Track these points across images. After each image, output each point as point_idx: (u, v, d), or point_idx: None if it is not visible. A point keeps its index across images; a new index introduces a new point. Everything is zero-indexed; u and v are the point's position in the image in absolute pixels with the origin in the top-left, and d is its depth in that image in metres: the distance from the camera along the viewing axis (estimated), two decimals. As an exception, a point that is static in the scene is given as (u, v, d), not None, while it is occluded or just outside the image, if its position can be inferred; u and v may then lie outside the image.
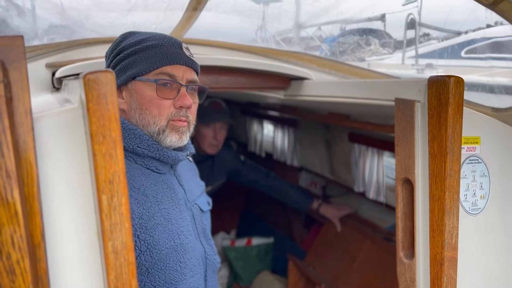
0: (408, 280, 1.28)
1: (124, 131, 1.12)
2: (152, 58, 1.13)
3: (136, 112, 1.14)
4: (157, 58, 1.14)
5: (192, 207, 1.29)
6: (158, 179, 1.18)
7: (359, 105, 1.57)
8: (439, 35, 5.97)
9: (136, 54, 1.15)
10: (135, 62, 1.14)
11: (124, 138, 1.11)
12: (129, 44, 1.17)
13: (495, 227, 1.33)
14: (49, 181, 0.81)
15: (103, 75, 0.80)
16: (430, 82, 1.18)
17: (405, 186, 1.28)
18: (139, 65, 1.13)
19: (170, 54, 1.15)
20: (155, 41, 1.16)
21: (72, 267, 0.84)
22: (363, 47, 6.13)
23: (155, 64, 1.13)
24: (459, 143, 1.15)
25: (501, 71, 2.55)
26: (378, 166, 2.32)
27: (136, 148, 1.14)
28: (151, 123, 1.14)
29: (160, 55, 1.14)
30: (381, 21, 6.19)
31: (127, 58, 1.15)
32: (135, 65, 1.14)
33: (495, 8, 1.48)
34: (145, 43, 1.16)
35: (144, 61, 1.13)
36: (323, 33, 6.02)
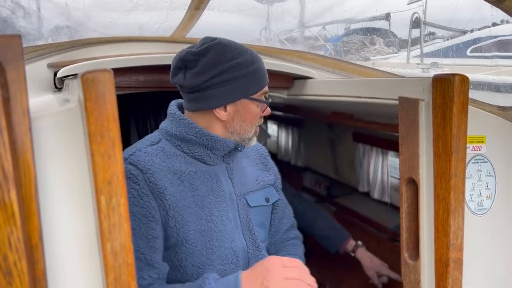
0: (412, 281, 1.26)
1: (175, 121, 1.29)
2: (260, 80, 1.29)
3: (238, 124, 1.30)
4: (263, 80, 1.31)
5: (239, 200, 1.36)
6: (201, 169, 1.30)
7: (363, 104, 1.56)
8: (445, 33, 5.93)
9: (248, 76, 1.26)
10: (247, 84, 1.26)
11: (176, 127, 1.29)
12: (239, 65, 1.25)
13: (501, 228, 1.31)
14: (47, 182, 0.81)
15: (101, 74, 0.79)
16: (434, 80, 1.16)
17: (410, 186, 1.26)
18: (251, 87, 1.27)
19: (265, 75, 1.32)
20: (258, 63, 1.30)
21: (71, 268, 0.83)
22: (368, 46, 6.11)
23: (261, 85, 1.30)
24: (464, 142, 1.13)
25: (507, 69, 2.52)
26: (383, 165, 2.30)
27: (186, 135, 1.27)
28: (248, 131, 1.32)
29: (264, 77, 1.31)
30: (386, 20, 6.17)
31: (239, 79, 1.25)
32: (247, 86, 1.27)
33: (501, 5, 1.46)
34: (253, 65, 1.27)
35: (254, 83, 1.28)
36: (327, 32, 5.99)
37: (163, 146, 1.29)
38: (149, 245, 1.17)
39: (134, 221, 1.16)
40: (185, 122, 1.28)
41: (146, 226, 1.17)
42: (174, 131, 1.29)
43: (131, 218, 1.07)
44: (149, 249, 1.17)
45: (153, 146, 1.29)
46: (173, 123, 1.30)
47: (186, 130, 1.28)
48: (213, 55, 1.23)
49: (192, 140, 1.28)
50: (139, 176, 1.19)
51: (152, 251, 1.17)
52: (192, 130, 1.27)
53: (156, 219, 1.19)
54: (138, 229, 1.17)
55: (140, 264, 1.14)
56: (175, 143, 1.29)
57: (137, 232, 1.16)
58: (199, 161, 1.31)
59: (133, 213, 1.16)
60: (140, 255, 1.15)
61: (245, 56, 1.27)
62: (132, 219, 1.09)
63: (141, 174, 1.20)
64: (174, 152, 1.29)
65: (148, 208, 1.18)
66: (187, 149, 1.29)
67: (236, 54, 1.25)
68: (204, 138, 1.28)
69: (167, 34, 1.93)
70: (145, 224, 1.18)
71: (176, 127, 1.29)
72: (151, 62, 1.53)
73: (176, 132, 1.28)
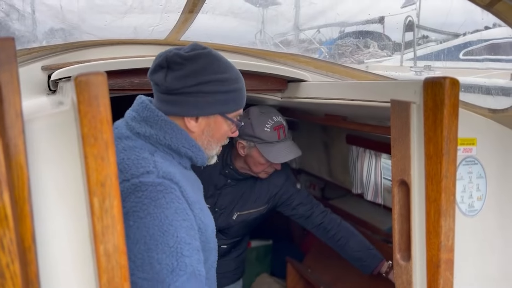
0: (405, 282, 1.28)
1: (172, 131, 1.22)
2: (239, 100, 1.29)
3: (206, 139, 1.28)
4: (241, 101, 1.30)
5: (200, 186, 1.39)
6: (186, 174, 1.28)
7: (355, 106, 1.57)
8: (438, 37, 5.97)
9: (228, 93, 1.25)
10: (226, 101, 1.25)
11: (171, 138, 1.21)
12: (222, 80, 1.23)
13: (492, 229, 1.33)
14: (40, 184, 0.81)
15: (94, 77, 0.79)
16: (425, 83, 1.18)
17: (402, 187, 1.28)
18: (229, 106, 1.26)
19: (244, 97, 1.32)
20: (241, 83, 1.29)
21: (64, 270, 0.83)
22: (362, 50, 6.13)
23: (238, 106, 1.30)
24: (455, 144, 1.15)
25: (498, 72, 2.55)
26: (376, 167, 2.31)
27: (181, 148, 1.23)
28: (213, 148, 1.32)
29: (243, 99, 1.31)
30: (380, 24, 6.20)
31: (219, 94, 1.23)
32: (226, 103, 1.25)
33: (491, 9, 1.48)
34: (235, 84, 1.26)
35: (233, 103, 1.27)
36: (322, 36, 6.01)
37: (161, 155, 1.20)
38: (199, 259, 1.13)
39: (188, 236, 1.10)
40: (182, 134, 1.22)
41: (195, 239, 1.14)
42: (168, 140, 1.21)
43: (184, 232, 1.07)
44: (199, 263, 1.13)
45: (156, 155, 1.19)
46: (166, 132, 1.21)
47: (183, 142, 1.23)
48: (200, 64, 1.20)
49: (186, 153, 1.24)
50: (177, 191, 1.12)
51: (201, 264, 1.14)
52: (188, 143, 1.23)
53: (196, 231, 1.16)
54: (193, 243, 1.12)
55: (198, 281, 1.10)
56: (168, 152, 1.22)
57: (192, 246, 1.11)
58: (183, 167, 1.28)
59: (184, 227, 1.10)
60: (197, 271, 1.10)
61: (231, 73, 1.25)
62: (185, 232, 1.08)
63: (177, 187, 1.13)
64: (170, 160, 1.22)
65: (191, 221, 1.14)
66: (178, 159, 1.24)
67: (223, 68, 1.23)
68: (197, 153, 1.26)
69: (161, 37, 1.94)
70: (193, 236, 1.13)
71: (173, 137, 1.22)
72: (145, 64, 1.53)
73: (170, 142, 1.21)
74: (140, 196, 1.04)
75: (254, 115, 1.92)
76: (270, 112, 1.97)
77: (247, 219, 2.16)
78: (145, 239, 1.02)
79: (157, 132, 1.20)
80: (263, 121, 1.91)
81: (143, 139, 1.19)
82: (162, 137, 1.20)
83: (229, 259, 2.30)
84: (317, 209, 2.22)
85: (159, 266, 1.02)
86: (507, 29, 1.56)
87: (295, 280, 2.93)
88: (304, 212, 2.21)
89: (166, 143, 1.20)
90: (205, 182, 2.03)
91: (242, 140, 1.92)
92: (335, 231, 2.18)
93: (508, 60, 2.29)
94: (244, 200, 2.12)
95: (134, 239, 1.01)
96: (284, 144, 1.95)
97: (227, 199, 2.06)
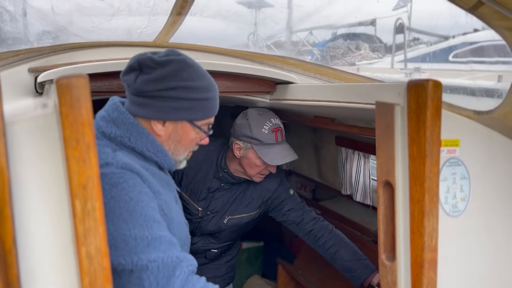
0: (390, 282, 1.29)
1: (137, 134, 1.23)
2: (208, 110, 1.30)
3: (173, 144, 1.30)
4: (211, 111, 1.31)
5: (174, 190, 1.42)
6: (153, 171, 1.29)
7: (342, 108, 1.58)
8: (429, 39, 6.03)
9: (197, 101, 1.26)
10: (193, 109, 1.26)
11: (136, 140, 1.22)
12: (192, 88, 1.24)
13: (476, 229, 1.34)
14: (21, 186, 0.81)
15: (76, 80, 0.80)
16: (409, 85, 1.19)
17: (386, 188, 1.29)
18: (197, 113, 1.27)
19: (215, 107, 1.33)
20: (213, 92, 1.30)
21: (46, 273, 0.83)
22: (353, 52, 6.16)
23: (208, 115, 1.31)
24: (438, 145, 1.16)
25: (486, 74, 2.59)
26: (364, 168, 2.33)
27: (145, 151, 1.24)
28: (180, 154, 1.33)
29: (213, 108, 1.32)
30: (372, 26, 6.24)
31: (187, 101, 1.24)
32: (193, 111, 1.26)
33: (475, 12, 1.50)
34: (206, 93, 1.27)
35: (201, 111, 1.28)
36: (315, 38, 6.02)
37: (124, 153, 1.21)
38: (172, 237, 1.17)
39: (157, 215, 1.15)
40: (148, 138, 1.24)
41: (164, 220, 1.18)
42: (132, 143, 1.22)
43: (152, 211, 1.11)
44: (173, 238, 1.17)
45: (118, 152, 1.20)
46: (131, 135, 1.23)
47: (148, 146, 1.24)
48: (171, 69, 1.21)
49: (150, 157, 1.25)
50: (138, 178, 1.15)
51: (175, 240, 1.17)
52: (154, 148, 1.25)
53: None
54: (162, 222, 1.16)
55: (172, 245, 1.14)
56: (135, 154, 1.24)
57: (162, 224, 1.16)
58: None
59: (151, 207, 1.13)
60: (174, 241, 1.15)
61: (202, 82, 1.26)
62: (152, 212, 1.12)
63: (138, 176, 1.16)
64: (132, 158, 1.22)
65: (156, 205, 1.18)
66: (142, 163, 1.24)
67: (194, 76, 1.24)
68: (162, 159, 1.27)
69: (150, 39, 1.94)
70: (162, 217, 1.18)
71: (138, 140, 1.23)
72: None
73: (135, 145, 1.22)
74: (101, 184, 1.06)
75: (252, 116, 1.92)
76: (268, 114, 1.97)
77: (238, 223, 2.15)
78: (113, 220, 1.05)
79: (122, 134, 1.21)
80: (261, 123, 1.91)
81: (108, 139, 1.21)
82: (126, 139, 1.21)
83: (219, 263, 2.29)
84: (308, 216, 2.19)
85: (134, 242, 1.06)
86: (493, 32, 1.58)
87: (286, 282, 2.94)
88: (294, 218, 2.19)
89: (130, 145, 1.22)
90: (199, 185, 2.03)
91: (239, 141, 1.92)
92: (325, 239, 2.15)
93: (495, 62, 2.33)
94: (236, 204, 2.11)
95: None
96: (281, 146, 1.95)
97: (219, 202, 2.06)
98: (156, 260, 1.07)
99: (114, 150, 1.19)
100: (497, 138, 1.42)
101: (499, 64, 2.54)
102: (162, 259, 1.08)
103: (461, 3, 1.47)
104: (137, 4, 1.69)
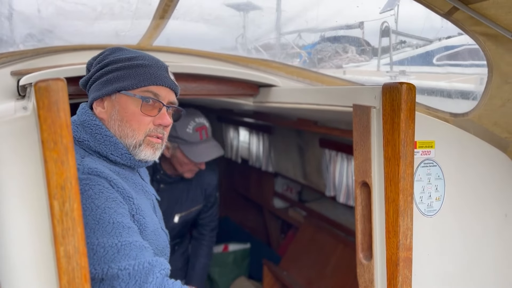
0: (367, 281, 1.32)
1: (100, 136, 1.20)
2: (140, 76, 1.22)
3: (116, 123, 1.22)
4: (145, 77, 1.22)
5: (151, 197, 1.38)
6: (125, 174, 1.27)
7: (322, 111, 1.61)
8: (415, 42, 6.11)
9: (125, 69, 1.23)
10: (123, 77, 1.22)
11: (99, 144, 1.20)
12: (118, 59, 1.24)
13: (450, 228, 1.38)
14: (0, 187, 0.82)
15: (54, 83, 0.81)
16: (384, 88, 1.23)
17: (363, 189, 1.32)
18: (127, 80, 1.21)
19: (157, 75, 1.24)
20: (145, 61, 1.25)
21: (25, 272, 0.84)
22: (341, 54, 6.23)
23: (142, 82, 1.22)
24: (411, 147, 1.20)
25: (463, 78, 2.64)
26: (347, 170, 2.37)
27: (110, 155, 1.21)
28: (129, 135, 1.22)
29: (149, 75, 1.23)
30: (360, 29, 6.30)
31: (115, 71, 1.22)
32: (123, 79, 1.21)
33: (450, 17, 1.54)
34: (135, 61, 1.24)
35: (132, 78, 1.22)
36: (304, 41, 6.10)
37: (93, 158, 1.19)
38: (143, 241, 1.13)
39: (126, 220, 1.11)
40: (111, 141, 1.21)
41: (134, 224, 1.16)
42: (97, 147, 1.21)
43: (120, 217, 1.08)
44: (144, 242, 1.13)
45: (86, 158, 1.18)
46: (96, 139, 1.21)
47: (111, 149, 1.22)
48: (105, 54, 1.26)
49: (115, 161, 1.24)
50: (106, 183, 1.13)
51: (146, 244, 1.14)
52: (118, 152, 1.22)
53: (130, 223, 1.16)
54: (132, 226, 1.13)
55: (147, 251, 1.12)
56: (98, 157, 1.22)
57: (133, 229, 1.12)
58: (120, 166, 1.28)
59: (119, 213, 1.10)
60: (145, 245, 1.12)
61: (134, 54, 1.26)
62: (121, 218, 1.09)
63: (106, 181, 1.13)
64: (101, 162, 1.21)
65: (126, 210, 1.15)
66: (110, 167, 1.22)
67: (126, 53, 1.26)
68: (128, 161, 1.25)
69: (133, 42, 1.95)
70: (132, 222, 1.15)
71: (101, 144, 1.21)
72: None
73: (99, 150, 1.21)
74: None
75: None
76: (193, 114, 2.09)
77: (187, 218, 2.32)
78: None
79: (88, 138, 1.20)
80: (185, 123, 2.03)
81: (77, 144, 1.20)
82: (92, 144, 1.20)
83: (175, 257, 2.41)
84: (213, 224, 2.54)
85: (103, 250, 1.03)
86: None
87: (271, 283, 2.96)
88: (203, 219, 2.48)
89: (96, 150, 1.20)
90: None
91: (167, 142, 2.01)
92: (200, 244, 2.49)
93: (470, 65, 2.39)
94: (181, 202, 2.26)
95: None
96: (206, 144, 2.08)
97: (164, 203, 2.13)
98: (126, 268, 1.04)
99: (82, 156, 1.18)
100: (471, 139, 1.46)
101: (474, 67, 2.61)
102: (133, 266, 1.05)
103: (436, 9, 1.52)
104: (119, 8, 1.71)
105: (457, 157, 1.41)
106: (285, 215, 3.36)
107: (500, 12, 1.34)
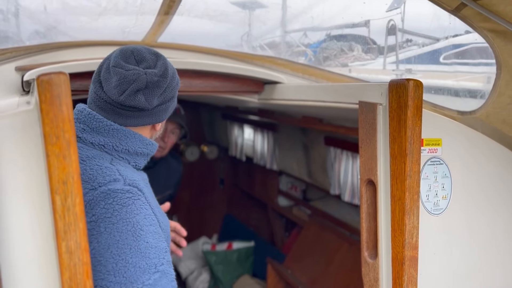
0: (372, 279, 1.30)
1: (125, 137, 1.22)
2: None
3: (154, 137, 1.35)
4: None
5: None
6: (141, 175, 1.30)
7: (328, 108, 1.60)
8: (421, 41, 6.07)
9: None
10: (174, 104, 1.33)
11: (127, 143, 1.22)
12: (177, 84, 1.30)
13: (457, 227, 1.36)
14: (2, 182, 0.82)
15: (56, 77, 0.80)
16: (390, 85, 1.21)
17: (369, 187, 1.31)
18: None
19: None
20: None
21: (26, 267, 0.84)
22: (346, 53, 6.20)
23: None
24: (418, 144, 1.18)
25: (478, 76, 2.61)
26: (353, 168, 2.35)
27: (138, 149, 1.25)
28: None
29: None
30: (366, 27, 6.27)
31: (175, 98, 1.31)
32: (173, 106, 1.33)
33: (458, 14, 1.52)
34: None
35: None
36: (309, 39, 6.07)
37: (119, 162, 1.21)
38: (168, 260, 1.15)
39: (154, 239, 1.12)
40: (136, 136, 1.24)
41: (161, 241, 1.15)
42: (124, 146, 1.22)
43: (151, 237, 1.09)
44: (168, 263, 1.15)
45: (114, 163, 1.19)
46: (120, 139, 1.21)
47: (139, 144, 1.25)
48: (169, 74, 1.22)
49: (143, 152, 1.28)
50: (143, 197, 1.14)
51: (169, 264, 1.16)
52: (143, 143, 1.27)
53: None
54: (159, 245, 1.14)
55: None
56: (123, 158, 1.23)
57: (159, 249, 1.12)
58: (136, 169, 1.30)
59: (151, 232, 1.11)
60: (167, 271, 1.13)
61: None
62: (151, 237, 1.10)
63: (143, 194, 1.14)
64: (126, 165, 1.23)
65: (157, 225, 1.16)
66: (133, 162, 1.26)
67: (174, 69, 1.29)
68: (152, 149, 1.31)
69: (138, 38, 1.95)
70: (160, 239, 1.14)
71: (128, 142, 1.23)
72: None
73: (127, 147, 1.23)
74: (111, 202, 1.05)
75: None
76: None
77: (162, 201, 2.39)
78: (118, 243, 1.03)
79: (111, 140, 1.19)
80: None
81: (98, 149, 1.19)
82: (118, 144, 1.20)
83: None
84: None
85: (133, 269, 1.03)
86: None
87: (275, 281, 2.95)
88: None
89: (123, 149, 1.21)
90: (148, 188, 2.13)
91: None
92: None
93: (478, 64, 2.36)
94: (154, 186, 2.29)
95: (106, 244, 1.01)
96: None
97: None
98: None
99: (110, 161, 1.17)
100: (479, 137, 1.44)
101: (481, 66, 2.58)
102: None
103: (444, 5, 1.49)
104: (124, 3, 1.70)
105: (464, 155, 1.39)
106: (290, 213, 3.34)
107: (509, 8, 1.32)
